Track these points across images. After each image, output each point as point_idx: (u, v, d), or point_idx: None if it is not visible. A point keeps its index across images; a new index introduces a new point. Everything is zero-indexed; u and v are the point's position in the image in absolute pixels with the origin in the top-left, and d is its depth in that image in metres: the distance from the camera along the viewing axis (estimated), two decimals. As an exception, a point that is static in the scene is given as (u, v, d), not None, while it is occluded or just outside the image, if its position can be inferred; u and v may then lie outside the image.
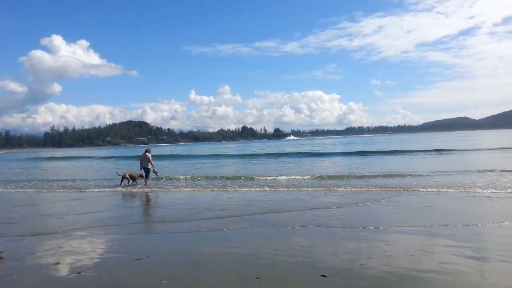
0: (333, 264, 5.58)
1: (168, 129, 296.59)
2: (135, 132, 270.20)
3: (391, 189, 13.29)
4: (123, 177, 17.62)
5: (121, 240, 7.58)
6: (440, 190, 12.66)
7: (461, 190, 12.43)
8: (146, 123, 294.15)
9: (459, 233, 7.13)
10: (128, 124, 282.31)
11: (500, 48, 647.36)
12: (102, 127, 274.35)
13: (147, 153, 17.86)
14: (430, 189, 12.85)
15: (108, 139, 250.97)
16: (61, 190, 16.69)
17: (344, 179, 17.19)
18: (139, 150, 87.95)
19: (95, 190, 16.24)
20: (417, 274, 5.04)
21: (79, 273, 5.51)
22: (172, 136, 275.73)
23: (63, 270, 5.69)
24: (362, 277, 4.99)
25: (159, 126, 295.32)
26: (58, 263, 6.00)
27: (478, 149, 36.57)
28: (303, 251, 6.31)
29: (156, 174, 18.56)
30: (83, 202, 13.06)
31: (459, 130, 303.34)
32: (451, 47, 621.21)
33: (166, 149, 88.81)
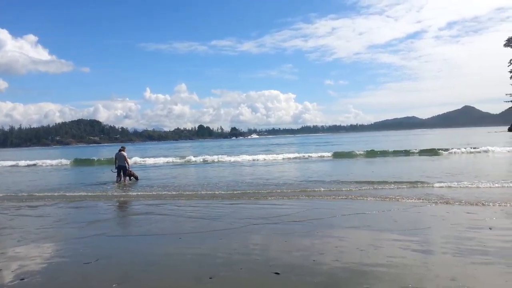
0: (287, 261, 5.64)
1: (122, 128, 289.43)
2: (87, 131, 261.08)
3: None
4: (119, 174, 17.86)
5: (69, 243, 7.26)
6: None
7: None
8: (98, 122, 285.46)
9: (405, 227, 7.44)
10: (79, 123, 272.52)
11: (444, 51, 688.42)
12: (51, 125, 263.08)
13: (122, 152, 17.94)
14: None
15: (57, 138, 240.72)
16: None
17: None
18: (90, 150, 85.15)
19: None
20: (366, 268, 5.20)
21: (22, 279, 5.23)
22: (125, 135, 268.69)
23: (5, 277, 5.37)
24: (314, 273, 5.09)
25: (112, 125, 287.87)
26: (-1, 270, 5.67)
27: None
28: (258, 249, 6.34)
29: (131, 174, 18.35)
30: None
31: (407, 129, 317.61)
32: (399, 49, 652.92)
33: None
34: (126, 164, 17.76)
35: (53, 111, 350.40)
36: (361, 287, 4.60)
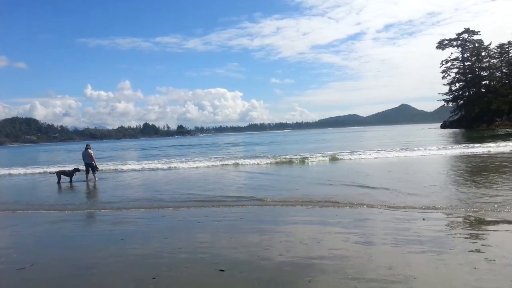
0: (232, 258, 5.64)
1: (61, 126, 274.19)
2: (22, 129, 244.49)
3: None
4: (59, 175, 17.20)
5: (1, 248, 6.79)
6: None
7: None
8: (35, 120, 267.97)
9: (346, 220, 7.70)
10: (14, 121, 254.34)
11: (382, 52, 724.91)
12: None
13: (88, 150, 18.12)
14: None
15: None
16: None
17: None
18: (27, 151, 79.95)
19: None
20: (310, 262, 5.32)
21: None
22: (65, 134, 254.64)
23: None
24: (259, 269, 5.12)
25: (50, 123, 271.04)
26: None
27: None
28: (203, 247, 6.28)
29: (97, 170, 18.30)
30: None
31: (349, 126, 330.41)
32: (341, 50, 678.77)
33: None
34: (93, 162, 17.87)
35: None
36: (304, 279, 4.69)
